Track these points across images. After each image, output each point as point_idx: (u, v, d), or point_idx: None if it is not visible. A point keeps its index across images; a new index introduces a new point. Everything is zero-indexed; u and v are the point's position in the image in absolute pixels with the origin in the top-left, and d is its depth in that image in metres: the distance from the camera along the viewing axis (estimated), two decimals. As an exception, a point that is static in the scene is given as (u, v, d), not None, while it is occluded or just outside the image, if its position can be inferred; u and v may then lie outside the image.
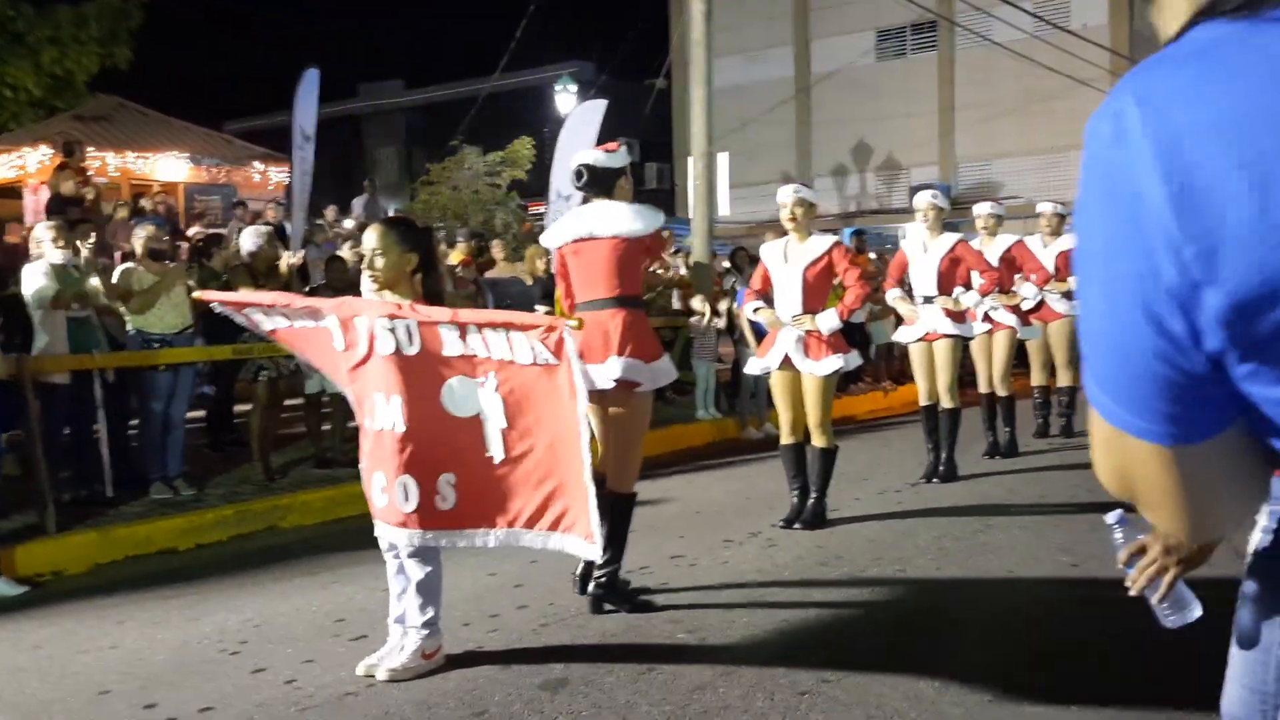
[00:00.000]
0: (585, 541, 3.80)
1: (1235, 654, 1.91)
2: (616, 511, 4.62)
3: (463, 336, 3.81)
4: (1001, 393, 8.33)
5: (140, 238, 7.64)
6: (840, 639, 4.25)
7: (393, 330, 3.81)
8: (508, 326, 3.79)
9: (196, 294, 4.68)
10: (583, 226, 4.74)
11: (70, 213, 11.05)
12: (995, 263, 8.03)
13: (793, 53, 30.94)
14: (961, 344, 7.47)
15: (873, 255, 13.65)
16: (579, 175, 4.78)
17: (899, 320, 11.56)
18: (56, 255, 6.95)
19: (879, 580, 5.05)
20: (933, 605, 4.67)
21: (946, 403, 7.44)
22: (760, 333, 10.09)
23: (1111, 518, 1.94)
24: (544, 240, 4.99)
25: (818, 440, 6.18)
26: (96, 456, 7.17)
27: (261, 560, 6.08)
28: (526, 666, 3.98)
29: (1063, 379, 9.23)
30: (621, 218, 4.68)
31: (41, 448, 6.38)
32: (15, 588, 5.62)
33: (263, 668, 4.13)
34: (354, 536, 6.02)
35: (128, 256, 8.45)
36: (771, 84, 30.45)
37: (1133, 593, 1.86)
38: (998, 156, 27.86)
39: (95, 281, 7.19)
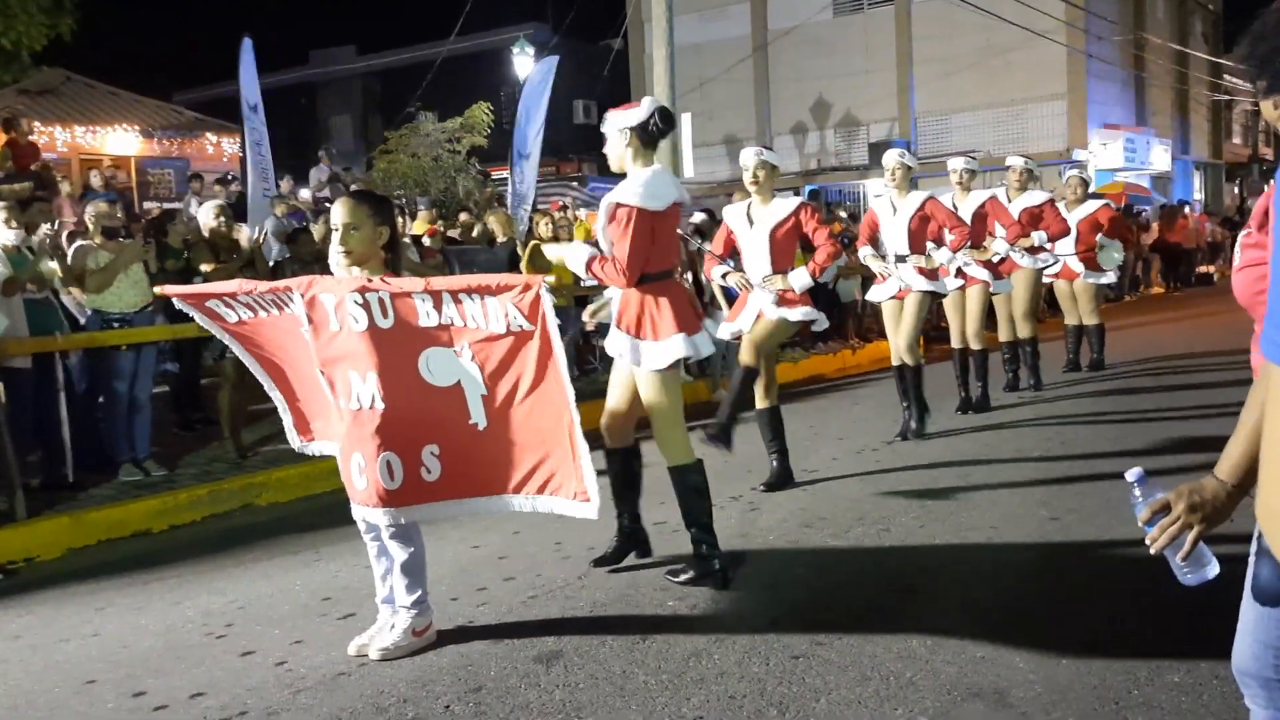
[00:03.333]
0: (576, 501, 3.79)
1: (1248, 609, 1.92)
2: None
3: (437, 306, 3.75)
4: (975, 347, 8.39)
5: (92, 215, 7.46)
6: (830, 601, 4.27)
7: (365, 305, 3.73)
8: (482, 291, 3.72)
9: (158, 289, 4.54)
10: (675, 191, 4.46)
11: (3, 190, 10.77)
12: (969, 218, 8.03)
13: (749, 10, 30.74)
14: (930, 300, 7.46)
15: (842, 214, 13.59)
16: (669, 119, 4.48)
17: (865, 279, 11.63)
18: (9, 236, 6.78)
19: (863, 540, 5.07)
20: (919, 564, 4.70)
21: (908, 359, 7.41)
22: (731, 296, 10.11)
23: (1132, 475, 1.93)
24: (653, 202, 4.36)
25: (745, 357, 6.04)
26: (61, 439, 7.04)
27: (239, 540, 6.02)
28: (519, 640, 3.96)
29: (1022, 331, 9.26)
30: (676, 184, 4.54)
31: (8, 433, 6.25)
32: (-12, 576, 5.53)
33: (251, 650, 4.08)
34: (332, 512, 5.97)
35: (75, 235, 8.25)
36: (729, 42, 30.27)
37: (1153, 551, 1.86)
38: (956, 111, 27.92)
39: (54, 264, 7.03)
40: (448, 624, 4.15)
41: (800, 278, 6.02)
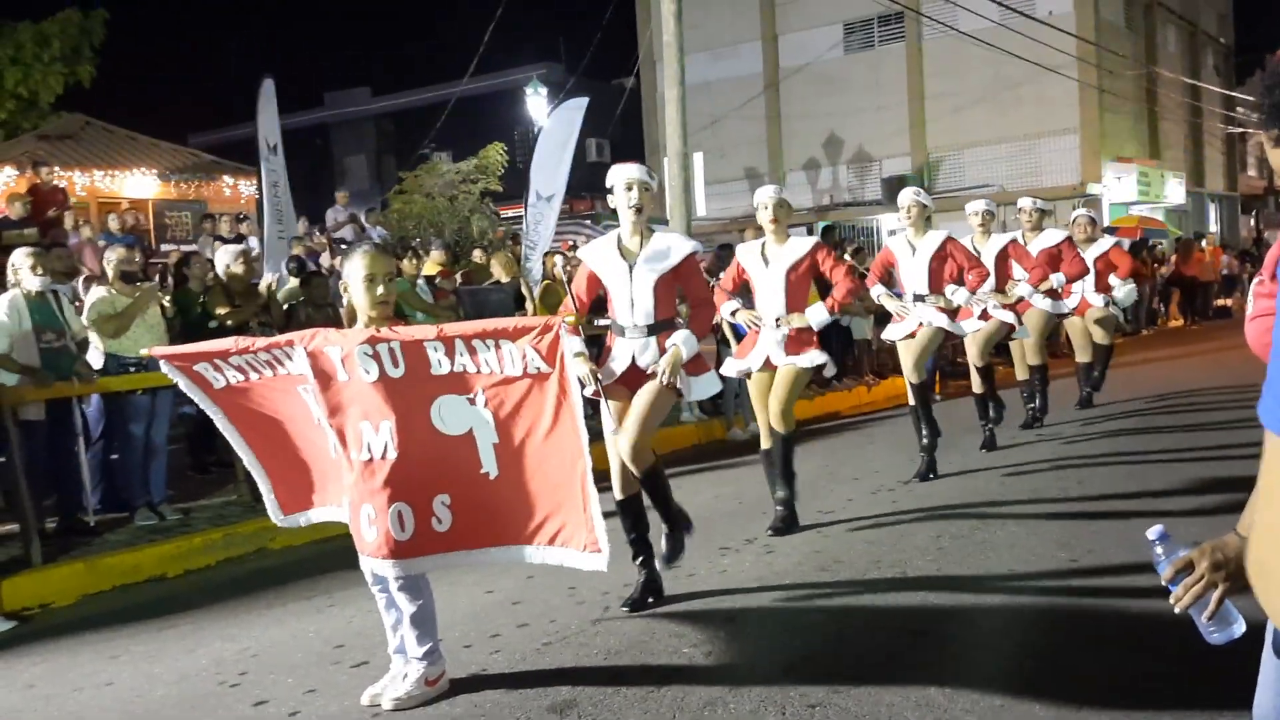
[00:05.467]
0: (586, 553, 3.76)
1: (1268, 663, 1.88)
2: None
3: (449, 354, 3.72)
4: (978, 390, 8.33)
5: (111, 261, 7.53)
6: (846, 647, 4.23)
7: (375, 356, 3.70)
8: (497, 335, 3.69)
9: (144, 351, 4.51)
10: None
11: (7, 235, 10.92)
12: (991, 261, 8.01)
13: (760, 48, 30.96)
14: (942, 335, 7.42)
15: (848, 257, 13.55)
16: None
17: (878, 317, 11.62)
18: (35, 282, 6.83)
19: (880, 584, 5.02)
20: (936, 608, 4.64)
21: (912, 378, 7.37)
22: (739, 333, 10.10)
23: (1153, 534, 1.90)
24: None
25: (777, 425, 6.07)
26: (78, 484, 7.08)
27: (253, 584, 6.01)
28: (532, 688, 3.92)
29: (1031, 358, 9.20)
30: None
31: (25, 480, 6.27)
32: (3, 623, 5.52)
33: (265, 700, 4.06)
34: (345, 556, 5.87)
35: (92, 279, 8.33)
36: (740, 80, 30.47)
37: (1178, 610, 1.82)
38: (969, 146, 27.98)
39: (83, 318, 7.13)
40: (461, 672, 4.12)
41: (818, 313, 5.99)
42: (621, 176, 4.88)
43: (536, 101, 24.23)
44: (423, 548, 3.77)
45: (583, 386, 4.74)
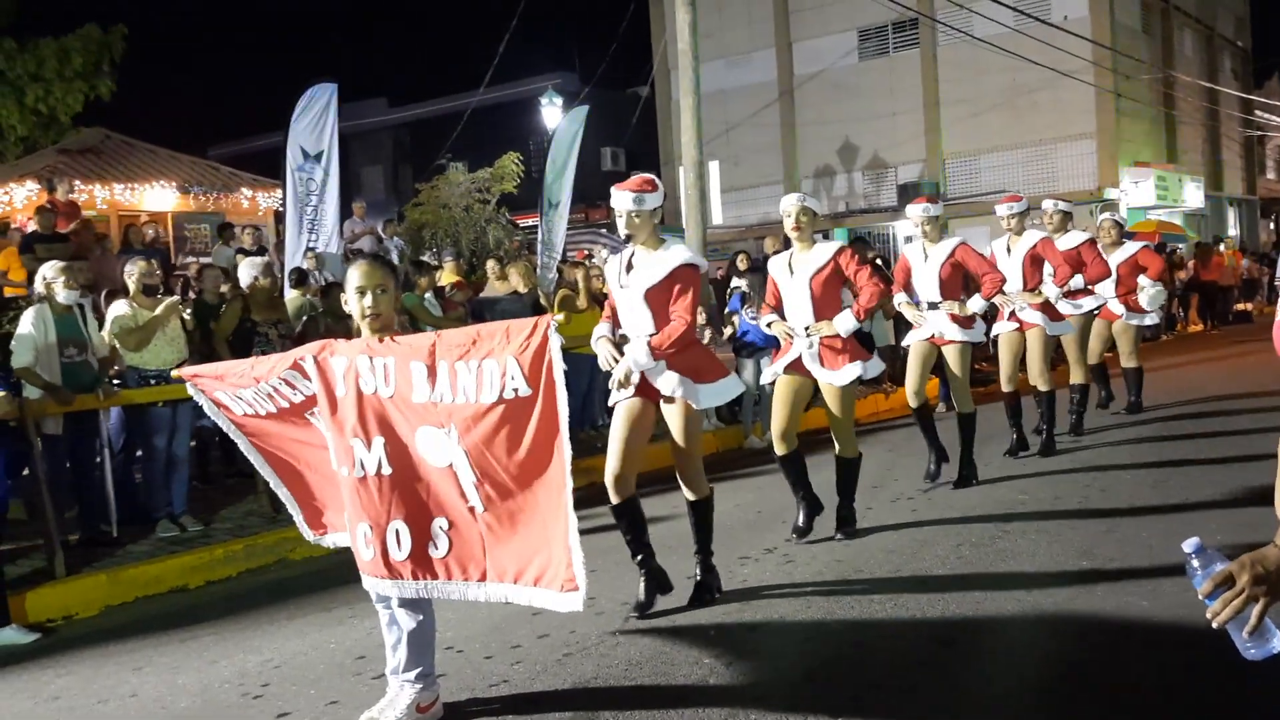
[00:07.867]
0: (563, 593, 3.53)
1: None
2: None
3: (431, 378, 3.58)
4: (1043, 388, 8.30)
5: (133, 275, 7.58)
6: (868, 656, 4.22)
7: (371, 368, 3.66)
8: (487, 341, 3.50)
9: (175, 372, 4.54)
10: None
11: (37, 249, 11.02)
12: (1021, 259, 7.98)
13: (775, 55, 30.98)
14: (971, 347, 7.40)
15: (879, 261, 13.46)
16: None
17: (899, 324, 11.57)
18: (66, 296, 6.90)
19: (902, 593, 5.00)
20: (958, 617, 4.62)
21: (962, 408, 7.41)
22: (741, 346, 10.19)
23: (1189, 546, 1.87)
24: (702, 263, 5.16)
25: (841, 450, 6.22)
26: (101, 496, 7.13)
27: (274, 596, 6.03)
28: (553, 702, 3.92)
29: (1074, 376, 9.18)
30: None
31: (48, 492, 6.33)
32: (27, 635, 5.56)
33: (287, 711, 4.08)
34: (366, 568, 5.97)
35: (114, 293, 8.40)
36: (755, 88, 30.50)
37: (1215, 625, 1.79)
38: (985, 151, 27.91)
39: (104, 333, 7.19)
40: (482, 683, 4.13)
41: (845, 321, 5.98)
42: (614, 206, 4.94)
43: (551, 111, 24.31)
44: (420, 570, 3.69)
45: (620, 387, 4.79)
